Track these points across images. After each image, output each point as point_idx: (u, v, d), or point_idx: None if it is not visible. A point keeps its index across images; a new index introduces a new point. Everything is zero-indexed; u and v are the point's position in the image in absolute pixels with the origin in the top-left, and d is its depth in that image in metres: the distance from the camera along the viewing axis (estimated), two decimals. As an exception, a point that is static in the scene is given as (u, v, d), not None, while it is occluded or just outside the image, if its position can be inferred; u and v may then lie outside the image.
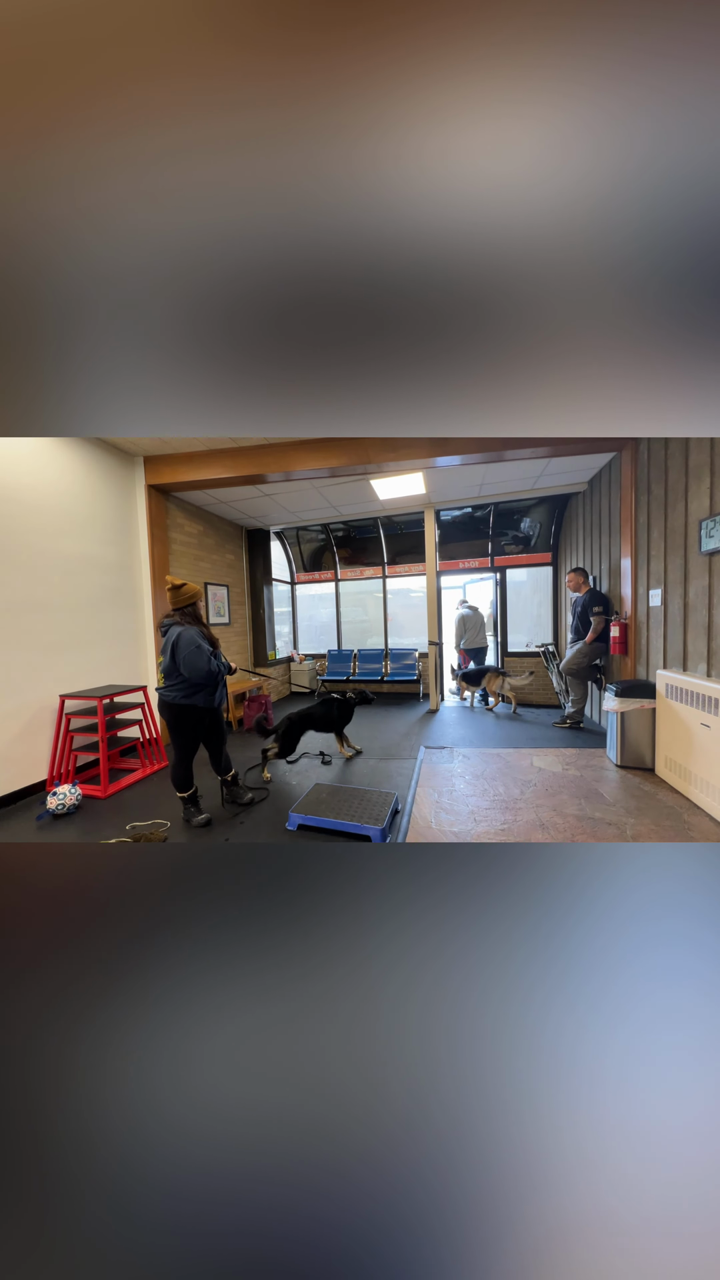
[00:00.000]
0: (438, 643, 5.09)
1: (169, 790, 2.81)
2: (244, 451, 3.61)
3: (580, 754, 3.27)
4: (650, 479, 3.00)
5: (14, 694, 2.65)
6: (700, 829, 2.14)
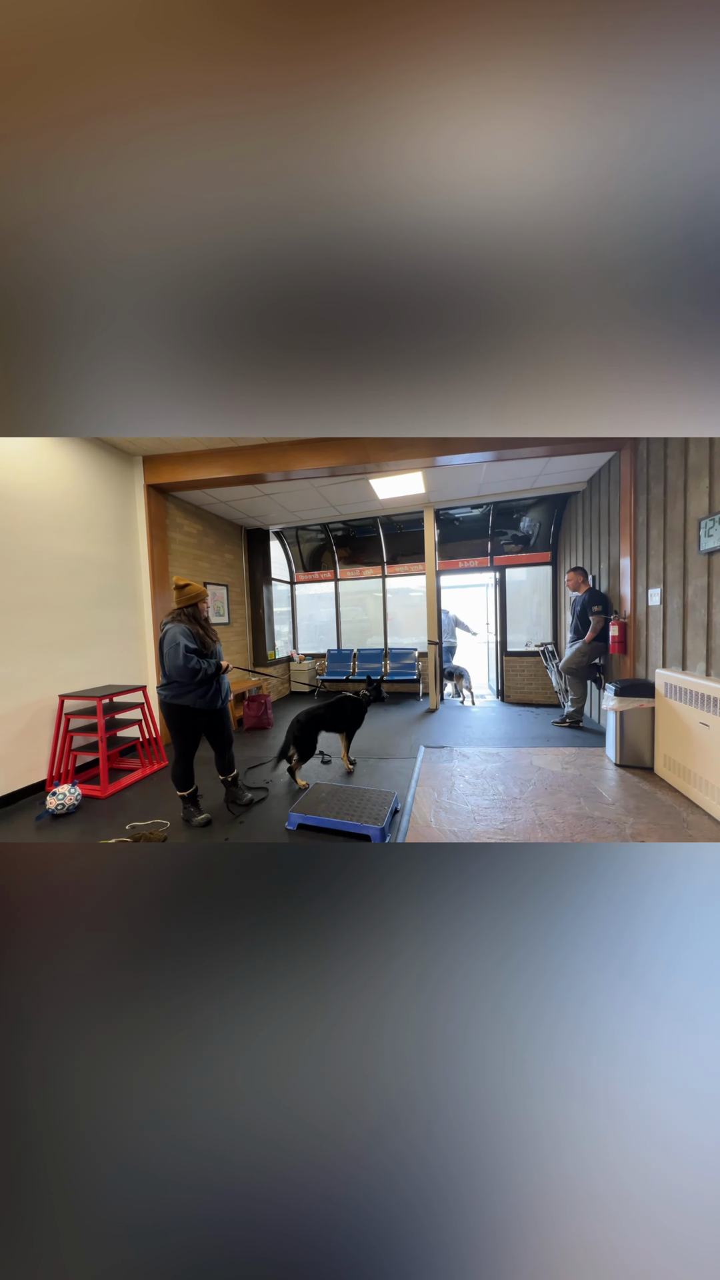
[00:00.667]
0: (437, 642, 5.10)
1: (169, 790, 2.80)
2: (243, 451, 3.60)
3: (579, 753, 3.28)
4: (649, 478, 3.00)
5: (13, 694, 2.65)
6: (699, 828, 2.14)
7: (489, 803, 2.47)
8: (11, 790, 2.66)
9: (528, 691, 5.17)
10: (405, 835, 2.15)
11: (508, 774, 2.90)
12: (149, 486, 3.73)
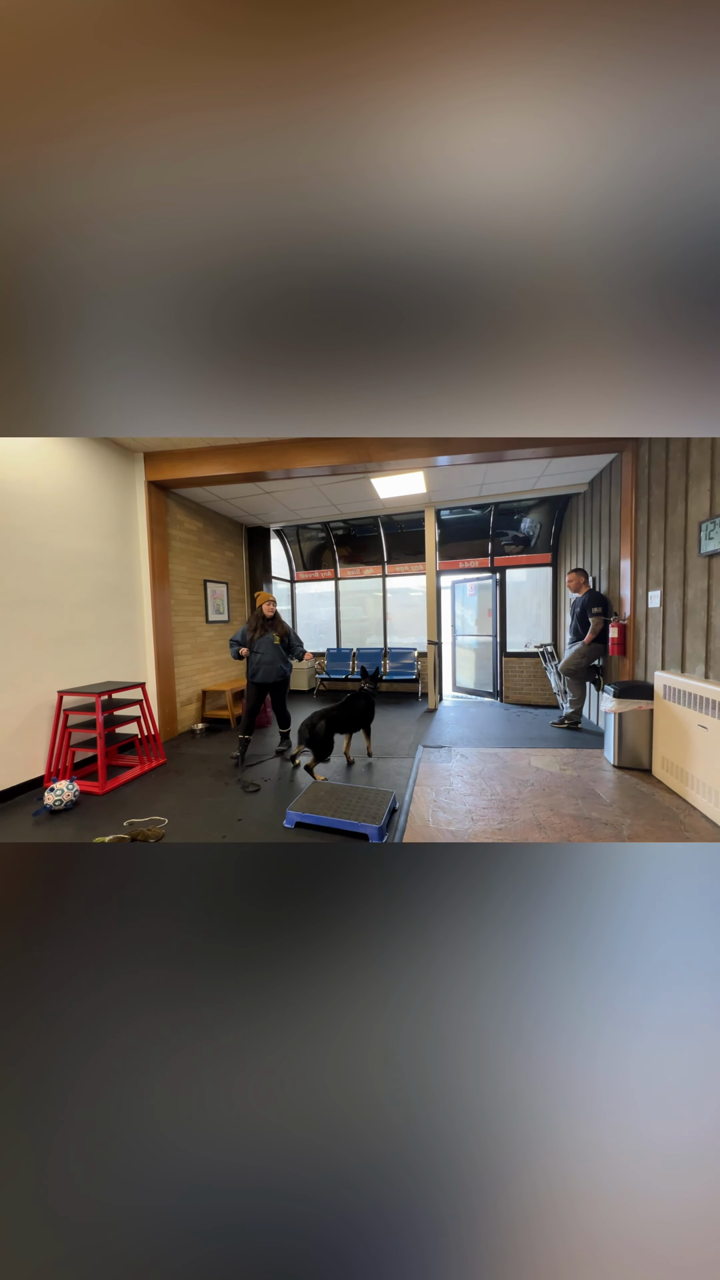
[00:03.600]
0: (437, 642, 5.10)
1: (166, 787, 2.84)
2: (245, 448, 3.60)
3: (578, 754, 3.28)
4: (651, 480, 3.00)
5: (12, 690, 2.65)
6: (696, 829, 2.14)
7: (487, 803, 2.47)
8: (9, 786, 2.66)
9: (526, 692, 5.18)
10: (403, 834, 2.16)
11: (506, 774, 2.91)
12: (150, 483, 3.72)
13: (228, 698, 4.47)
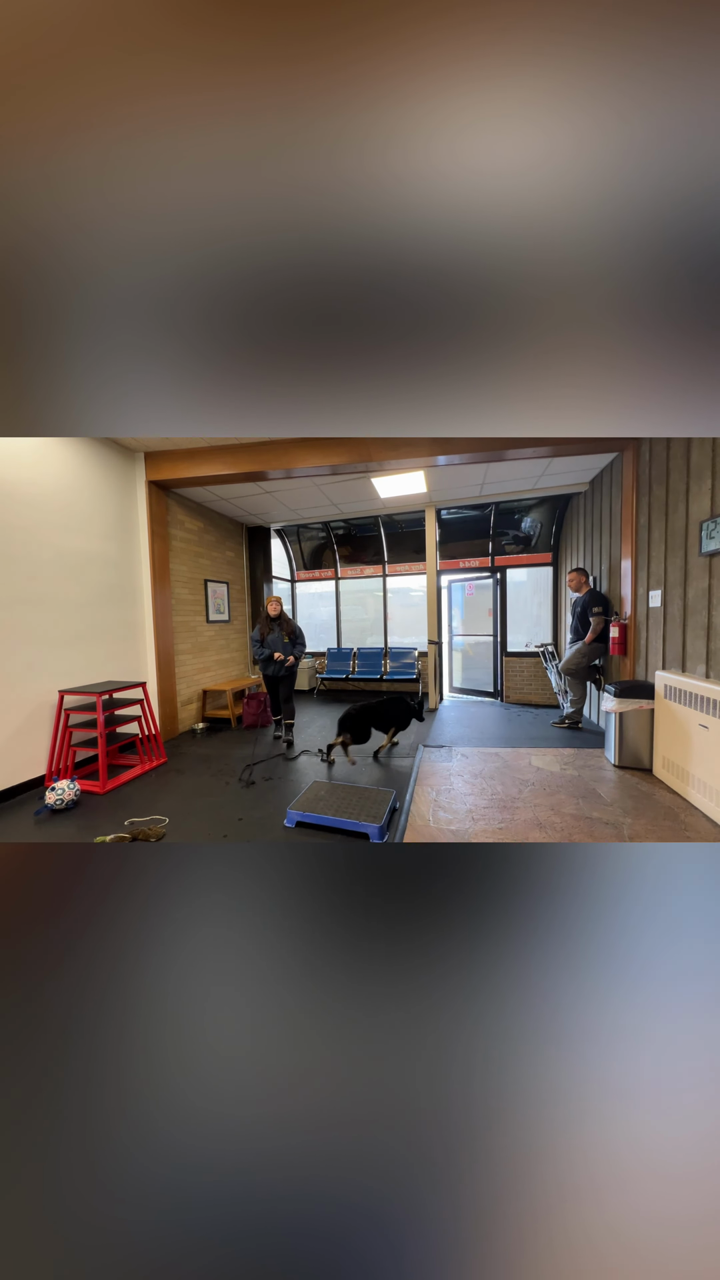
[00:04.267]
0: (437, 642, 5.09)
1: (167, 786, 2.85)
2: (245, 448, 3.60)
3: (578, 754, 3.28)
4: (651, 480, 3.00)
5: (13, 689, 2.65)
6: (697, 829, 2.14)
7: (487, 802, 2.47)
8: (11, 785, 2.67)
9: (527, 692, 5.17)
10: (404, 834, 2.16)
11: (506, 774, 2.91)
12: (150, 483, 3.72)
13: (228, 697, 4.47)
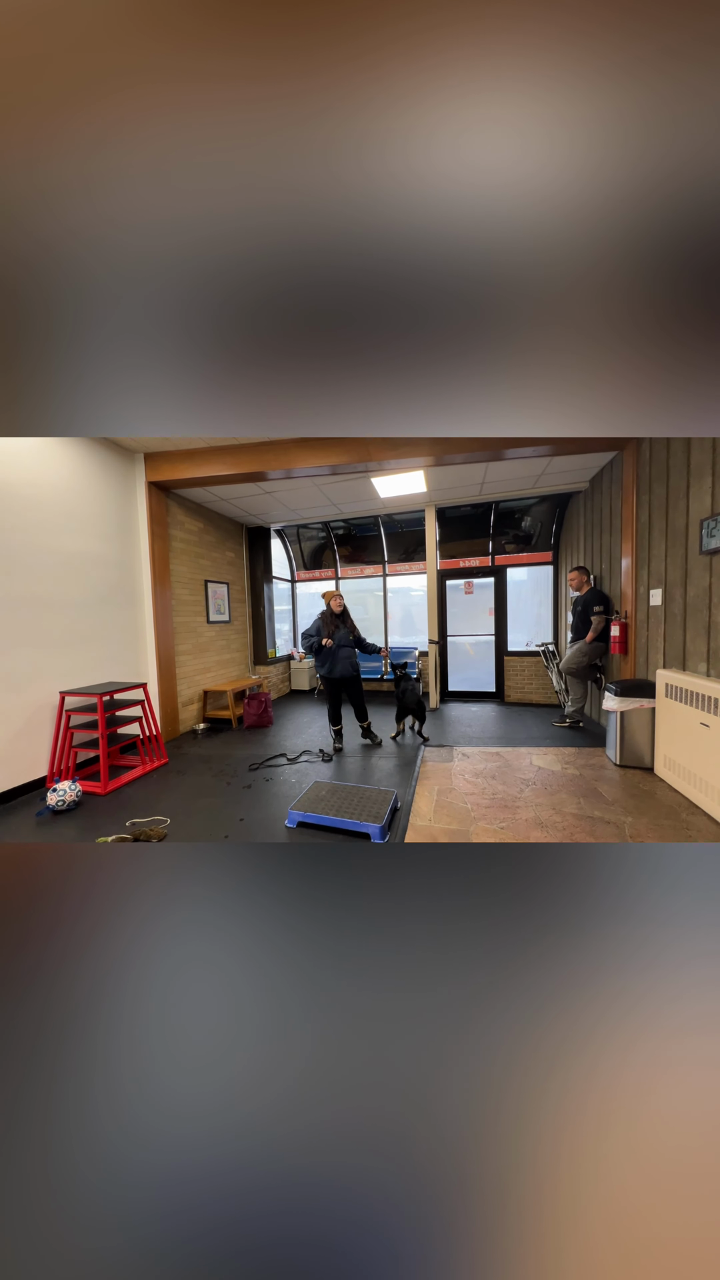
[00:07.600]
0: (438, 641, 5.09)
1: (169, 787, 2.85)
2: (245, 448, 3.60)
3: (579, 753, 3.27)
4: (652, 478, 3.00)
5: (14, 691, 2.66)
6: (699, 828, 2.14)
7: (489, 802, 2.47)
8: (12, 786, 2.67)
9: (528, 691, 5.17)
10: (405, 834, 2.16)
11: (508, 773, 2.90)
12: (150, 484, 3.72)
13: (229, 698, 4.47)
